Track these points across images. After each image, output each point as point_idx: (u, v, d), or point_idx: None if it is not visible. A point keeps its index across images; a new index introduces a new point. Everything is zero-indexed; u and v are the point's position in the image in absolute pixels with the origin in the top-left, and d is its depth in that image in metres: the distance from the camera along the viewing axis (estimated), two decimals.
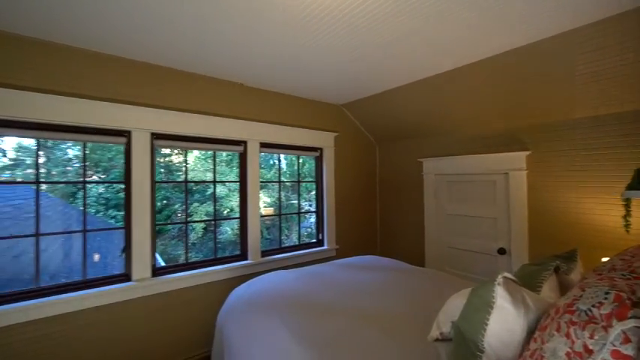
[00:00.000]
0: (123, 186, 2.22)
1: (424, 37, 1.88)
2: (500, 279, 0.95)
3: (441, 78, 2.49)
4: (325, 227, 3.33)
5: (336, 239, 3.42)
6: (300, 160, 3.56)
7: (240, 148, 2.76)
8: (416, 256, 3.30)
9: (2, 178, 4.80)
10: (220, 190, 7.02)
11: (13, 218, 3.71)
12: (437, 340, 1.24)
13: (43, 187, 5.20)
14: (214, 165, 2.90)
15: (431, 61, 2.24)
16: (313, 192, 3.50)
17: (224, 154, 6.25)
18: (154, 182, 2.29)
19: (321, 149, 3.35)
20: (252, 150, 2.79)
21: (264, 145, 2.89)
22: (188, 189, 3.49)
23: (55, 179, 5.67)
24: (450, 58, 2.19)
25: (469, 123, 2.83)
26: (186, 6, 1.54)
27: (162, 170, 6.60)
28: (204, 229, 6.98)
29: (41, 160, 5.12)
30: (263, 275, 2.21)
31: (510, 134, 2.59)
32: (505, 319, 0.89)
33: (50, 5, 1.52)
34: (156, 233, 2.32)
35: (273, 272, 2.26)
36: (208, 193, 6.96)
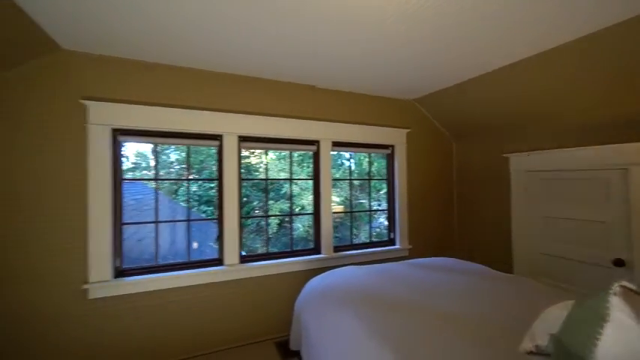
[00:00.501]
0: (212, 184, 2.57)
1: (513, 18, 1.70)
2: (616, 288, 0.81)
3: (530, 62, 2.19)
4: (397, 226, 3.26)
5: (409, 239, 3.31)
6: (369, 159, 3.55)
7: (314, 148, 2.90)
8: (500, 262, 2.98)
9: (129, 177, 5.98)
10: (292, 188, 7.43)
11: (136, 209, 4.60)
12: (530, 352, 1.12)
13: (153, 184, 6.30)
14: (290, 164, 3.11)
15: (521, 43, 2.00)
16: (382, 191, 3.45)
17: (295, 154, 6.65)
18: (240, 180, 2.59)
19: (392, 146, 3.28)
20: (325, 149, 2.91)
21: (336, 144, 2.98)
22: (263, 188, 3.79)
23: (164, 178, 6.79)
24: (541, 40, 1.93)
25: (567, 111, 2.43)
26: (266, 25, 1.71)
27: (242, 170, 7.34)
28: (279, 224, 7.51)
29: (152, 162, 6.19)
30: (336, 269, 2.30)
31: (627, 121, 2.13)
32: (623, 336, 0.76)
33: (157, 35, 1.87)
34: (242, 226, 2.62)
35: (345, 267, 2.32)
36: (282, 192, 7.46)
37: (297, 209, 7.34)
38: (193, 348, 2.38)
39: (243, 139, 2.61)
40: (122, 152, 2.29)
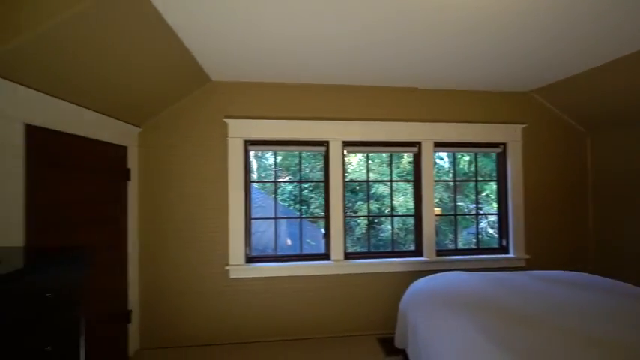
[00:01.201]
0: (306, 185, 2.83)
1: None
2: None
3: None
4: (510, 233, 2.95)
5: (526, 247, 2.95)
6: (470, 159, 3.30)
7: (415, 149, 2.89)
8: None
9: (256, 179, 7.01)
10: (383, 189, 7.38)
11: (258, 207, 5.45)
12: None
13: (255, 185, 7.23)
14: (391, 166, 3.17)
15: None
16: (485, 193, 3.16)
17: (384, 155, 6.66)
18: (344, 182, 2.79)
19: (504, 144, 2.99)
20: (427, 150, 2.86)
21: (438, 145, 2.90)
22: (352, 188, 3.93)
23: (264, 180, 7.63)
24: None
25: None
26: (366, 37, 1.83)
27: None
28: (368, 225, 7.59)
29: (254, 166, 7.07)
30: (444, 273, 2.25)
31: None
32: None
33: (278, 58, 2.19)
34: (346, 224, 2.82)
35: (453, 272, 2.26)
36: (371, 192, 7.52)
37: (386, 210, 7.29)
38: (301, 330, 2.70)
39: (347, 144, 2.81)
40: (250, 160, 2.78)
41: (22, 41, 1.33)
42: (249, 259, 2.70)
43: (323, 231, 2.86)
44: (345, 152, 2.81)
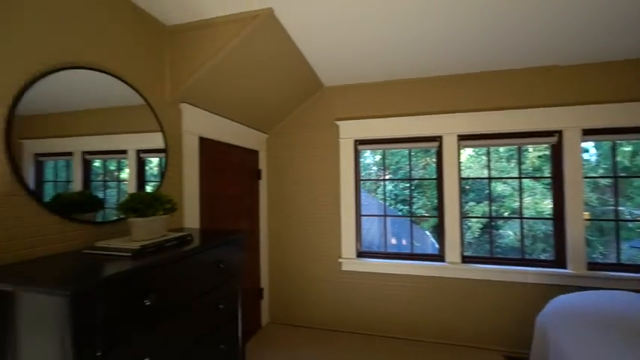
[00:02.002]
0: (408, 184, 2.70)
1: None
2: None
3: None
4: None
5: None
6: (628, 148, 2.53)
7: (553, 139, 2.42)
8: None
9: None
10: (502, 188, 6.45)
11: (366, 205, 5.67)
12: None
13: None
14: (519, 160, 2.76)
15: None
16: None
17: (501, 149, 5.80)
18: (460, 178, 2.58)
19: None
20: (571, 139, 2.36)
21: (589, 132, 2.35)
22: (462, 186, 3.52)
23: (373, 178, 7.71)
24: None
25: None
26: (491, 12, 1.63)
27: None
28: (481, 229, 6.75)
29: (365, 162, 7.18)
30: (605, 292, 1.83)
31: None
32: None
33: (383, 58, 2.19)
34: (463, 224, 2.60)
35: (618, 292, 1.80)
36: (486, 192, 6.66)
37: (505, 213, 6.30)
38: (413, 331, 2.63)
39: (463, 138, 2.59)
40: (360, 159, 2.89)
41: (197, 77, 1.77)
42: (360, 254, 2.81)
43: (429, 233, 2.72)
44: (461, 146, 2.60)
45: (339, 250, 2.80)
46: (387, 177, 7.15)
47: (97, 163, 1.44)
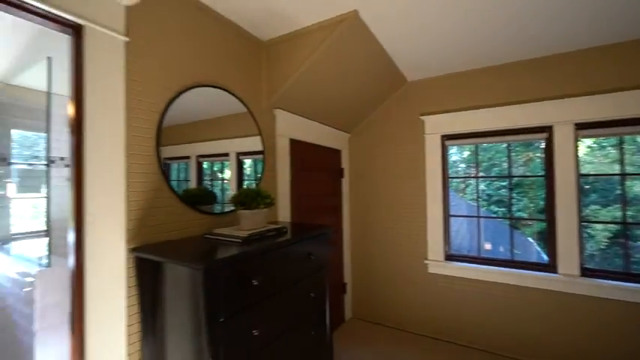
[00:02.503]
0: (503, 183, 2.32)
1: None
2: None
3: None
4: None
5: None
6: None
7: None
8: None
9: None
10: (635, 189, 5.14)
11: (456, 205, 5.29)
12: None
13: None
14: None
15: None
16: None
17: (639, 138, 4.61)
18: (578, 175, 2.16)
19: None
20: None
21: None
22: (581, 185, 2.89)
23: (465, 176, 7.11)
24: None
25: None
26: None
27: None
28: (611, 238, 5.47)
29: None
30: None
31: None
32: None
33: (467, 45, 1.97)
34: (582, 231, 2.17)
35: None
36: (616, 192, 5.37)
37: None
38: (503, 346, 2.32)
39: (581, 127, 2.16)
40: (448, 155, 2.70)
41: (288, 85, 1.94)
42: (449, 257, 2.63)
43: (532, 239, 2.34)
44: (579, 137, 2.17)
45: (425, 252, 2.68)
46: (479, 174, 6.45)
47: (205, 165, 1.73)
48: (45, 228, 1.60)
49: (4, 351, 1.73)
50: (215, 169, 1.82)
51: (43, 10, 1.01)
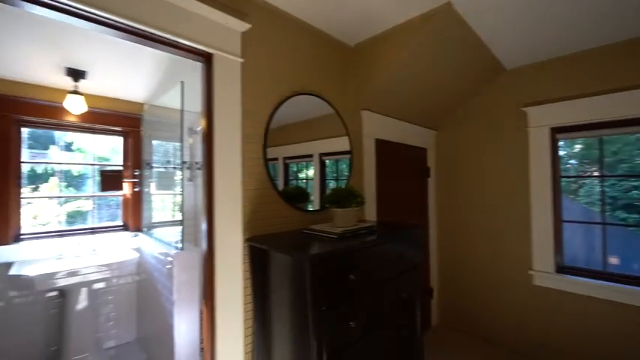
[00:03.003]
0: (637, 183, 1.81)
1: None
2: None
3: None
4: None
5: None
6: None
7: None
8: None
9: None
10: None
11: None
12: None
13: None
14: None
15: None
16: None
17: None
18: None
19: None
20: None
21: None
22: None
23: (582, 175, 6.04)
24: None
25: None
26: None
27: None
28: None
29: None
30: None
31: None
32: None
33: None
34: None
35: None
36: None
37: None
38: None
39: None
40: (559, 150, 2.32)
41: (375, 86, 1.96)
42: (561, 269, 2.26)
43: None
44: None
45: (528, 261, 2.36)
46: (601, 173, 5.32)
47: (292, 166, 1.86)
48: (180, 218, 2.00)
49: (154, 311, 2.22)
50: (295, 169, 1.96)
51: (185, 45, 1.28)
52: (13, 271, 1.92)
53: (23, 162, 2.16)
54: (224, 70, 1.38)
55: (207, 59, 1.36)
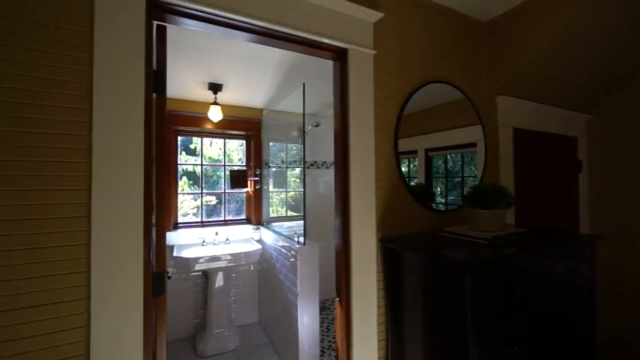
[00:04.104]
0: None
1: None
2: None
3: None
4: None
5: None
6: None
7: None
8: None
9: None
10: None
11: None
12: None
13: None
14: None
15: None
16: None
17: None
18: None
19: None
20: None
21: None
22: None
23: None
24: None
25: None
26: None
27: None
28: None
29: None
30: None
31: None
32: None
33: None
34: None
35: None
36: None
37: None
38: None
39: None
40: None
41: (518, 66, 1.64)
42: None
43: None
44: None
45: None
46: None
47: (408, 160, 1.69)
48: (297, 214, 2.10)
49: (275, 298, 2.41)
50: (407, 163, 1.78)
51: (325, 43, 1.28)
52: (175, 253, 2.34)
53: (179, 164, 2.63)
54: (358, 64, 1.34)
55: (341, 56, 1.34)
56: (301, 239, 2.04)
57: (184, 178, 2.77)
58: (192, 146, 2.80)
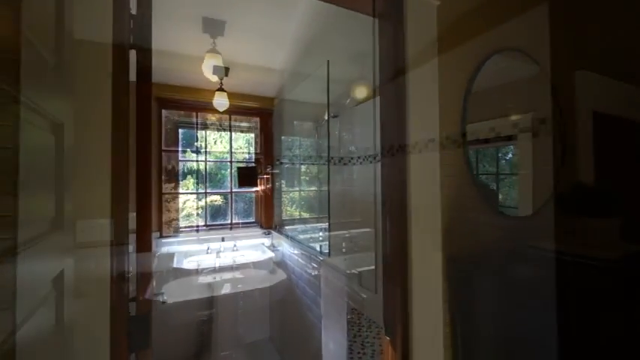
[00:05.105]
0: None
1: None
2: None
3: None
4: None
5: None
6: None
7: None
8: None
9: None
10: None
11: None
12: None
13: None
14: None
15: None
16: None
17: None
18: None
19: None
20: None
21: None
22: None
23: None
24: None
25: None
26: None
27: None
28: None
29: None
30: None
31: None
32: None
33: None
34: None
35: None
36: None
37: None
38: None
39: None
40: None
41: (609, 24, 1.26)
42: None
43: None
44: None
45: None
46: None
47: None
48: (319, 216, 1.74)
49: (289, 314, 2.06)
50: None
51: None
52: (175, 264, 2.00)
53: (180, 160, 2.30)
54: (417, 18, 0.98)
55: (395, 3, 0.98)
56: (325, 248, 1.69)
57: (187, 177, 2.44)
58: (197, 143, 2.44)
